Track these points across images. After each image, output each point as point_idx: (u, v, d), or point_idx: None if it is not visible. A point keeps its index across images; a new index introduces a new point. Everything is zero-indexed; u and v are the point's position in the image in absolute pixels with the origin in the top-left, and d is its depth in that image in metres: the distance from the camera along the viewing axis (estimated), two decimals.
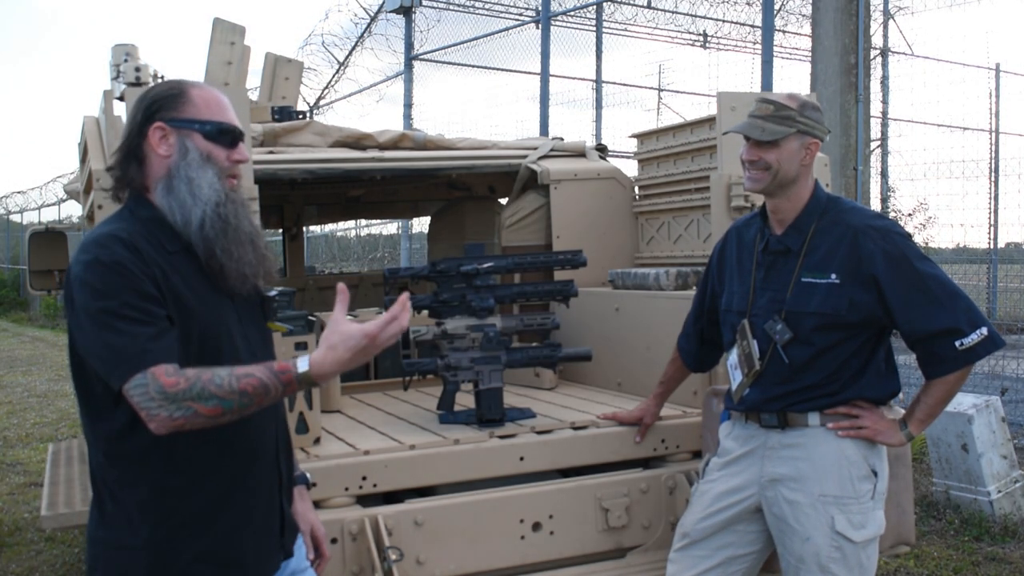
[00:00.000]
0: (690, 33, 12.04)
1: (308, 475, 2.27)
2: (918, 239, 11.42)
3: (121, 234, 1.83)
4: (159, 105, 1.91)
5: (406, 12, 10.99)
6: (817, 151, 2.58)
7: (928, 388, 2.53)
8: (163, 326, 1.77)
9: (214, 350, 1.85)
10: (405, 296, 1.80)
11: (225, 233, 1.89)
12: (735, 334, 2.67)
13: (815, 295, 2.51)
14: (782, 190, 2.56)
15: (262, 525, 1.94)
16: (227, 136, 1.95)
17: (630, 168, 4.89)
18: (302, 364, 1.76)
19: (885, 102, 10.26)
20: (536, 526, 2.95)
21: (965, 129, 11.50)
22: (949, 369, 2.46)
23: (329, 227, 15.96)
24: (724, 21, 12.08)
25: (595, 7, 10.40)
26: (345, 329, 1.76)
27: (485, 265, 3.26)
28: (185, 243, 1.89)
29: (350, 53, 12.52)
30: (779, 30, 11.37)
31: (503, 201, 5.20)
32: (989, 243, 12.09)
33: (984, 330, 2.43)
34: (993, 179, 12.38)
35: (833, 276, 2.50)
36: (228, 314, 1.91)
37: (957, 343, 2.42)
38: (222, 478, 1.87)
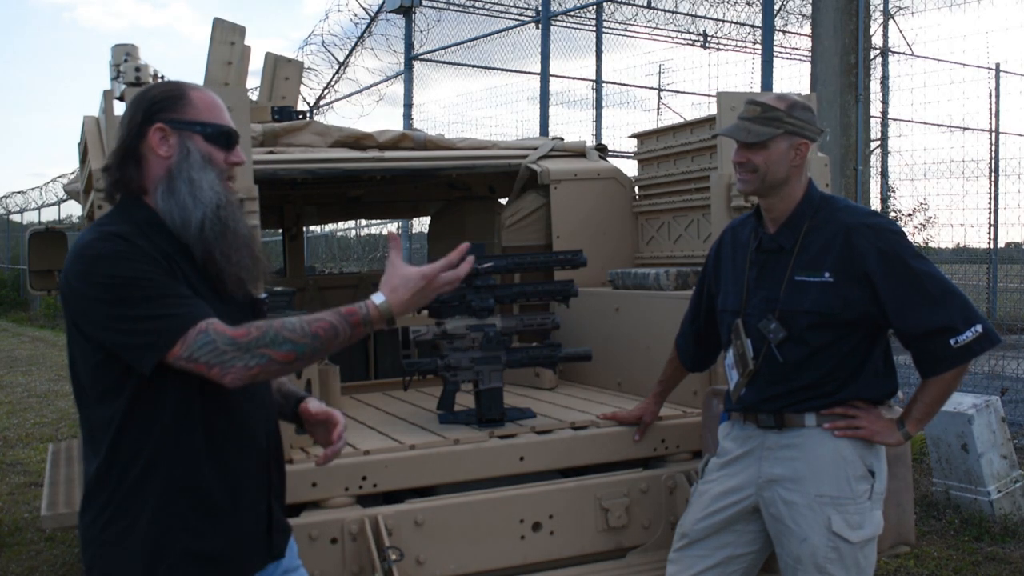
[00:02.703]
0: (690, 33, 12.05)
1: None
2: (918, 239, 11.41)
3: (116, 231, 1.83)
4: (160, 106, 1.92)
5: (406, 12, 11.00)
6: (808, 151, 2.55)
7: (925, 387, 2.52)
8: (190, 291, 1.80)
9: None
10: (465, 245, 1.93)
11: (224, 236, 1.90)
12: (731, 334, 2.67)
13: (808, 294, 2.50)
14: (773, 191, 2.56)
15: (248, 526, 1.95)
16: (226, 138, 1.97)
17: (630, 168, 4.90)
18: (368, 306, 1.84)
19: (885, 102, 10.24)
20: (536, 526, 2.95)
21: (965, 129, 11.46)
22: (945, 367, 2.45)
23: (329, 227, 15.98)
24: (724, 21, 12.08)
25: (595, 7, 10.40)
26: (405, 272, 1.87)
27: (485, 265, 3.26)
28: (181, 246, 1.90)
29: (350, 53, 12.53)
30: (779, 30, 11.38)
31: (503, 201, 5.20)
32: (989, 243, 12.06)
33: (979, 327, 2.41)
34: (993, 179, 12.35)
35: (826, 274, 2.49)
36: (222, 317, 1.91)
37: (952, 341, 2.40)
38: (214, 479, 1.88)
